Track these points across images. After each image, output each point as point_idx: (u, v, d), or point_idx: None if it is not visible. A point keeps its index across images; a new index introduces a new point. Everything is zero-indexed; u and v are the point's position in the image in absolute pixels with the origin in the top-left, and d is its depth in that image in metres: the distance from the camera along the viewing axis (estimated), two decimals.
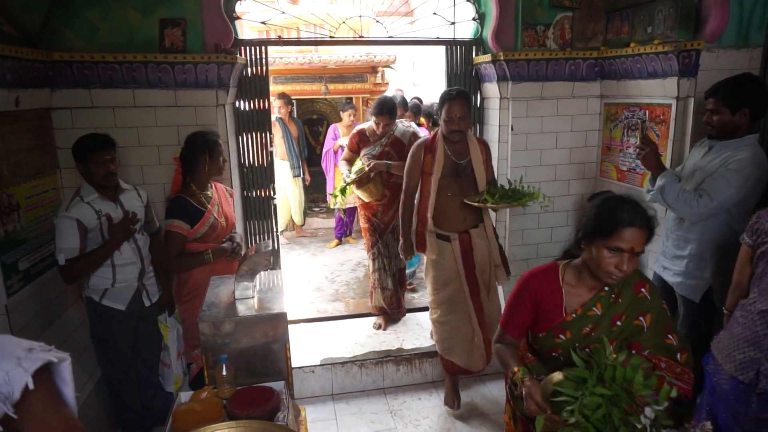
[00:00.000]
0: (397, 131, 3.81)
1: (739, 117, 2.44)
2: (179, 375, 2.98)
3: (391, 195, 3.79)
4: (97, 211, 2.56)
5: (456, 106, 2.90)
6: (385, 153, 3.78)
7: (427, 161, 3.03)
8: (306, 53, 6.41)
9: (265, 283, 2.45)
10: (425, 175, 3.05)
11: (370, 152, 3.80)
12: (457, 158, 3.01)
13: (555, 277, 1.84)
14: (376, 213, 3.91)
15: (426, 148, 3.08)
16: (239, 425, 1.61)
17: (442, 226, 3.07)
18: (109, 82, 2.94)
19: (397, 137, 3.79)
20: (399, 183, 3.47)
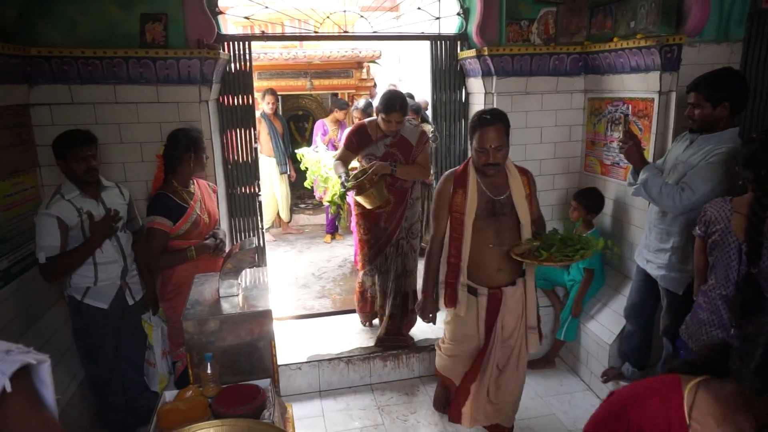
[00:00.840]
0: (403, 130, 3.31)
1: (719, 111, 2.46)
2: (164, 374, 2.96)
3: (396, 200, 3.35)
4: (78, 208, 2.52)
5: (491, 133, 2.37)
6: (390, 154, 3.29)
7: (457, 198, 2.51)
8: (290, 48, 6.36)
9: (250, 280, 2.43)
10: (455, 213, 2.52)
11: (372, 153, 3.32)
12: (494, 193, 2.49)
13: (677, 405, 1.08)
14: (378, 222, 3.40)
15: (456, 180, 2.53)
16: (224, 424, 1.59)
17: (470, 276, 2.57)
18: (89, 77, 2.89)
19: (404, 137, 3.30)
20: (405, 187, 3.31)
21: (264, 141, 5.95)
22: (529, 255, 2.40)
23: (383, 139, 3.30)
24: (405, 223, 3.42)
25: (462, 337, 2.68)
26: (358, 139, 3.36)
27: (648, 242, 2.80)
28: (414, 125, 3.40)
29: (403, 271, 3.48)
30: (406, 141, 3.31)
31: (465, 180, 2.51)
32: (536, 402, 3.31)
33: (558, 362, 3.72)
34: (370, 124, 3.35)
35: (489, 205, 2.49)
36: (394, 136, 3.29)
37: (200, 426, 1.59)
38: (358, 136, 3.37)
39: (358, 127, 3.42)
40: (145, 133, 3.06)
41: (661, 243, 2.70)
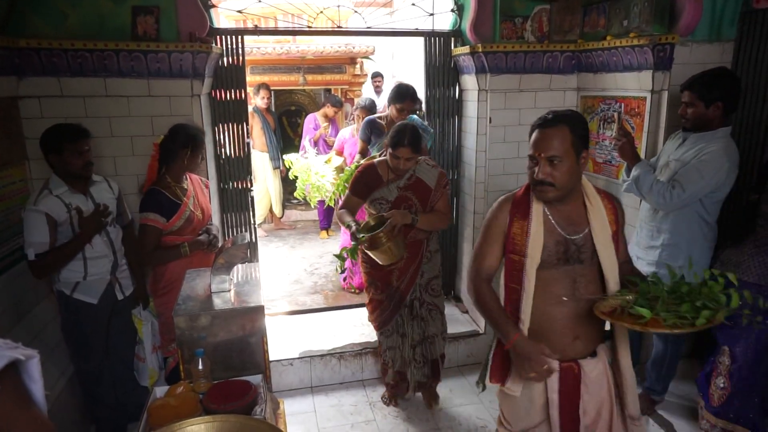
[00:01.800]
0: (419, 170, 2.86)
1: (712, 110, 2.48)
2: (155, 369, 2.95)
3: (410, 254, 2.89)
4: (66, 204, 2.50)
5: (545, 137, 1.74)
6: (404, 199, 2.84)
7: (516, 234, 1.83)
8: (284, 43, 6.33)
9: (242, 276, 2.42)
10: (512, 255, 1.85)
11: (383, 197, 2.86)
12: (568, 230, 1.80)
13: None
14: (389, 280, 2.96)
15: (514, 208, 1.86)
16: (216, 420, 1.59)
17: None
18: (79, 70, 2.85)
19: (420, 179, 2.86)
20: (419, 239, 2.90)
21: (257, 136, 5.92)
22: (622, 314, 1.66)
23: (396, 180, 2.86)
24: (421, 280, 2.98)
25: (522, 425, 1.93)
26: (367, 182, 2.90)
27: (639, 239, 2.82)
28: (431, 165, 2.93)
29: (423, 337, 3.05)
30: (423, 184, 2.86)
31: (526, 209, 1.82)
32: None
33: None
34: (380, 164, 2.90)
35: (560, 247, 1.79)
36: (409, 178, 2.85)
37: (191, 422, 1.58)
38: (367, 177, 2.90)
39: (366, 168, 2.93)
40: (136, 127, 3.03)
41: (652, 240, 2.71)
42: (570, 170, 1.74)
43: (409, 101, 3.52)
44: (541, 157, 1.73)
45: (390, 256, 2.74)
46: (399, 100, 3.54)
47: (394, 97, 3.59)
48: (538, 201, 1.81)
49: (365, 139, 3.85)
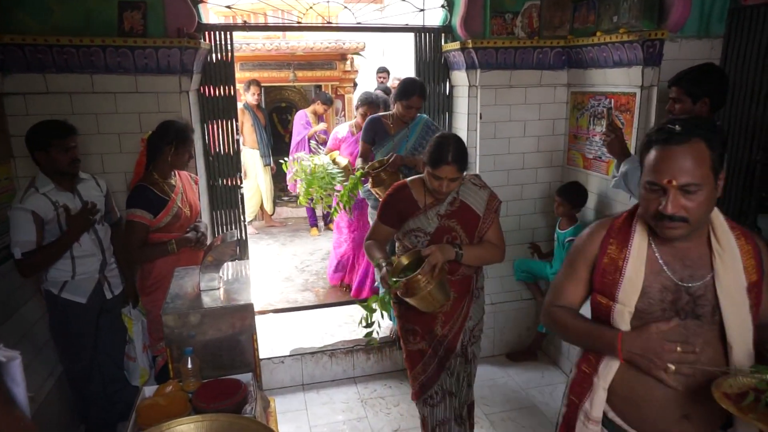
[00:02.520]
0: (464, 192, 2.30)
1: (699, 106, 2.49)
2: (145, 368, 2.92)
3: (458, 294, 2.34)
4: (53, 202, 2.47)
5: (678, 158, 1.29)
6: (446, 230, 2.28)
7: (607, 268, 1.45)
8: (273, 39, 6.29)
9: (231, 273, 2.40)
10: (599, 295, 1.48)
11: (420, 227, 2.29)
12: (681, 274, 1.38)
13: None
14: (433, 327, 2.37)
15: (610, 234, 1.48)
16: (205, 419, 1.57)
17: (628, 417, 1.45)
18: (64, 66, 2.81)
19: (465, 203, 2.29)
20: (468, 275, 2.36)
21: (248, 132, 5.88)
22: (757, 405, 1.19)
23: (435, 206, 2.29)
24: (470, 323, 2.42)
25: None
26: (400, 208, 2.33)
27: None
28: (478, 185, 2.36)
29: (469, 382, 2.53)
30: (470, 210, 2.29)
31: (626, 239, 1.43)
32: (518, 394, 3.34)
33: (539, 355, 3.76)
34: (415, 184, 2.33)
35: (668, 296, 1.37)
36: (452, 202, 2.28)
37: (180, 421, 1.57)
38: (399, 202, 2.33)
39: (397, 191, 2.36)
40: (123, 124, 3.00)
41: None
42: (708, 200, 1.31)
43: (417, 97, 3.16)
44: (672, 186, 1.27)
45: (432, 303, 2.16)
46: (406, 96, 3.16)
47: (401, 92, 3.20)
48: (642, 231, 1.41)
49: (368, 141, 3.42)
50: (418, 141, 3.32)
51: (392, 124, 3.36)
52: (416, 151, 3.26)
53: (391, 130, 3.35)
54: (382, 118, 3.38)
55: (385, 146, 3.36)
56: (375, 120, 3.42)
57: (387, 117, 3.38)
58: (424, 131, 3.34)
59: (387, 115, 3.39)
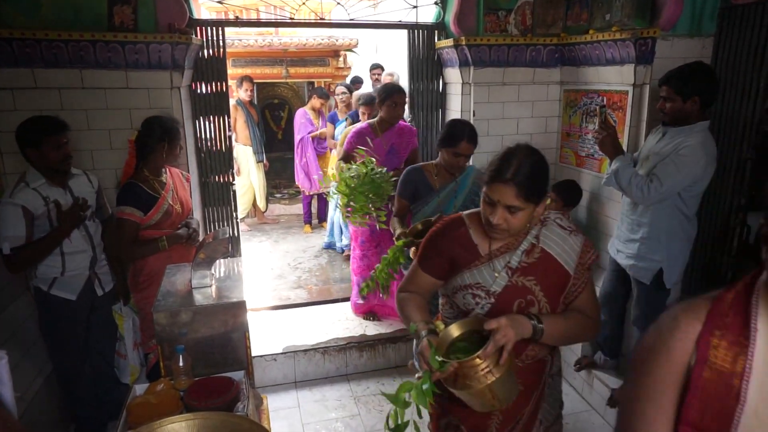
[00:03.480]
0: (546, 237, 1.62)
1: (689, 104, 2.51)
2: (136, 366, 2.90)
3: (526, 383, 1.65)
4: (44, 197, 2.44)
5: None
6: (519, 291, 1.60)
7: (711, 382, 0.77)
8: (266, 36, 6.26)
9: (224, 271, 2.39)
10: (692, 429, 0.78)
11: (482, 283, 1.61)
12: None
13: None
14: (487, 427, 1.70)
15: (712, 322, 0.79)
16: (197, 417, 1.56)
17: None
18: (53, 61, 2.78)
19: (548, 252, 1.61)
20: (542, 356, 1.68)
21: (240, 129, 5.85)
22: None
23: (504, 255, 1.60)
24: (542, 417, 1.75)
25: None
26: (452, 252, 1.66)
27: (619, 233, 2.84)
28: (568, 228, 1.64)
29: None
30: (554, 262, 1.60)
31: (740, 329, 0.78)
32: None
33: None
34: (472, 219, 1.66)
35: None
36: (528, 251, 1.59)
37: (172, 420, 1.56)
38: (451, 244, 1.66)
39: (450, 226, 1.69)
40: (114, 120, 2.97)
41: (631, 233, 2.74)
42: None
43: (467, 143, 2.69)
44: None
45: (489, 401, 1.45)
46: (452, 142, 2.69)
47: (446, 138, 2.73)
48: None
49: (406, 197, 2.91)
50: (469, 197, 2.78)
51: (436, 176, 2.83)
52: None
53: (435, 183, 2.83)
54: (423, 169, 2.85)
55: (428, 204, 2.83)
56: (415, 171, 2.88)
57: (429, 167, 2.85)
58: (476, 184, 2.78)
59: (430, 165, 2.87)
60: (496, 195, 1.51)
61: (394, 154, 3.53)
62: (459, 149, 2.68)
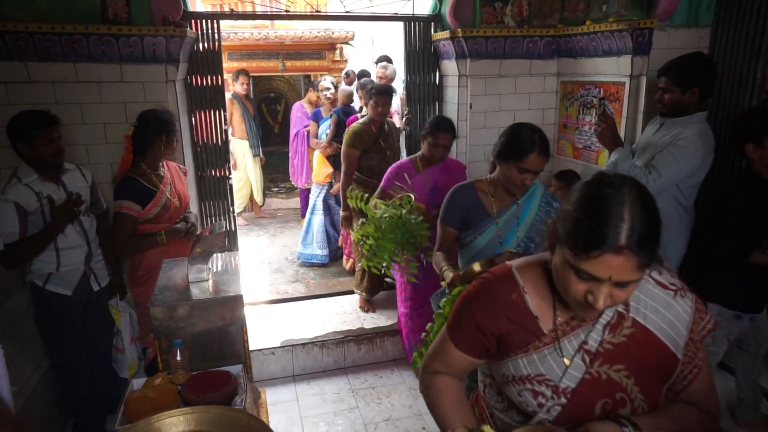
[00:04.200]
0: (637, 301, 1.15)
1: (689, 96, 2.50)
2: (134, 360, 2.90)
3: None
4: (37, 193, 2.42)
5: None
6: (602, 385, 1.13)
7: None
8: (262, 29, 6.22)
9: (221, 265, 2.38)
10: None
11: (549, 373, 1.15)
12: None
13: None
14: None
15: None
16: (195, 411, 1.56)
17: None
18: (47, 54, 2.75)
19: (645, 328, 1.14)
20: None
21: (237, 123, 5.83)
22: None
23: (577, 330, 1.16)
24: None
25: None
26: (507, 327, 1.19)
27: None
28: (672, 287, 1.17)
29: None
30: (652, 337, 1.14)
31: None
32: None
33: None
34: (526, 274, 1.22)
35: None
36: (614, 325, 1.15)
37: (169, 414, 1.55)
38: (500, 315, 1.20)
39: (494, 285, 1.24)
40: (108, 114, 2.95)
41: None
42: None
43: (537, 155, 2.08)
44: None
45: None
46: (519, 154, 2.07)
47: (508, 149, 2.11)
48: None
49: (455, 225, 2.26)
50: (535, 226, 2.14)
51: (493, 197, 2.15)
52: (532, 243, 2.13)
53: (491, 206, 2.15)
54: (476, 188, 2.18)
55: (483, 233, 2.16)
56: (465, 190, 2.21)
57: (483, 185, 2.17)
58: (545, 208, 2.15)
59: (483, 182, 2.19)
60: (602, 269, 0.98)
61: (437, 193, 2.93)
62: (527, 164, 1.97)
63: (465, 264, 2.22)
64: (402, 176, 2.95)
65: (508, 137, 2.05)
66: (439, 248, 2.28)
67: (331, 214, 4.87)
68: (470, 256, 2.21)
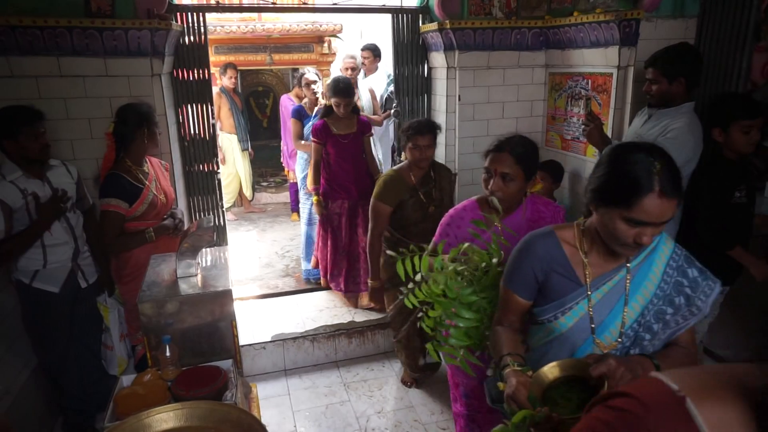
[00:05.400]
0: None
1: (675, 86, 2.52)
2: (123, 357, 2.88)
3: None
4: (22, 190, 2.39)
5: None
6: None
7: None
8: (248, 22, 6.16)
9: (210, 260, 2.37)
10: None
11: None
12: None
13: None
14: None
15: None
16: (185, 407, 1.55)
17: None
18: (29, 48, 2.71)
19: None
20: None
21: (225, 117, 5.78)
22: None
23: None
24: None
25: None
26: None
27: None
28: None
29: None
30: None
31: None
32: None
33: None
34: None
35: None
36: None
37: (159, 410, 1.54)
38: None
39: None
40: (93, 109, 2.91)
41: None
42: None
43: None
44: None
45: None
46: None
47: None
48: None
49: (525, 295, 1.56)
50: (655, 306, 1.42)
51: (586, 255, 1.46)
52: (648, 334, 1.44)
53: (584, 269, 1.45)
54: (560, 239, 1.49)
55: (570, 311, 1.46)
56: (545, 241, 1.50)
57: (568, 235, 1.49)
58: (674, 278, 1.45)
59: (568, 232, 1.50)
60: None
61: None
62: (641, 211, 1.26)
63: (536, 358, 1.51)
64: (464, 225, 2.05)
65: (609, 167, 1.32)
66: (500, 322, 1.59)
67: None
68: (544, 343, 1.53)
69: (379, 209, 2.85)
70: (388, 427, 2.92)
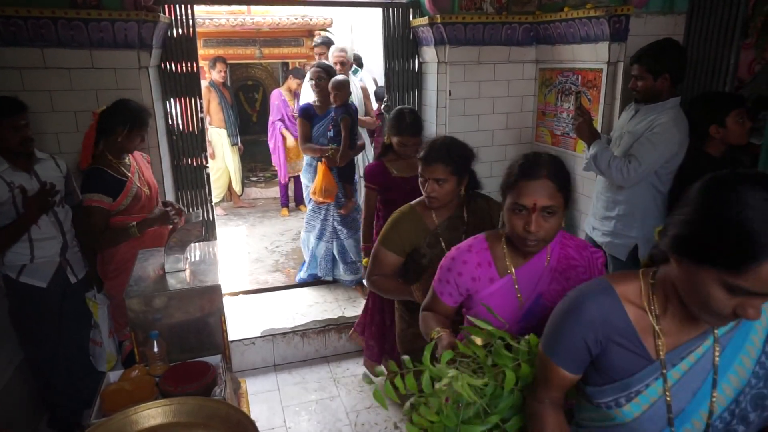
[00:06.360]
0: None
1: (660, 82, 2.54)
2: (112, 353, 2.85)
3: None
4: (8, 183, 2.35)
5: None
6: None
7: None
8: (238, 15, 6.10)
9: (198, 255, 2.35)
10: None
11: None
12: None
13: None
14: None
15: None
16: (173, 402, 1.54)
17: None
18: (12, 39, 2.66)
19: None
20: None
21: (214, 111, 5.73)
22: None
23: None
24: None
25: None
26: None
27: (595, 210, 2.88)
28: None
29: None
30: None
31: None
32: None
33: None
34: None
35: None
36: None
37: (147, 406, 1.53)
38: None
39: None
40: (79, 101, 2.86)
41: (607, 211, 2.77)
42: None
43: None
44: None
45: None
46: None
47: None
48: None
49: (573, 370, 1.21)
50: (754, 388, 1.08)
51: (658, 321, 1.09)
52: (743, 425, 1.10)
53: (655, 340, 1.08)
54: (622, 299, 1.11)
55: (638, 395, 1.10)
56: (601, 298, 1.12)
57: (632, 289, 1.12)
58: None
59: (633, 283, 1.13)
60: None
61: (537, 315, 1.55)
62: (755, 282, 0.87)
63: None
64: (467, 270, 1.60)
65: (707, 208, 0.95)
66: (540, 398, 1.24)
67: (340, 239, 3.90)
68: (599, 427, 1.18)
69: (384, 259, 2.10)
70: (378, 422, 2.92)
